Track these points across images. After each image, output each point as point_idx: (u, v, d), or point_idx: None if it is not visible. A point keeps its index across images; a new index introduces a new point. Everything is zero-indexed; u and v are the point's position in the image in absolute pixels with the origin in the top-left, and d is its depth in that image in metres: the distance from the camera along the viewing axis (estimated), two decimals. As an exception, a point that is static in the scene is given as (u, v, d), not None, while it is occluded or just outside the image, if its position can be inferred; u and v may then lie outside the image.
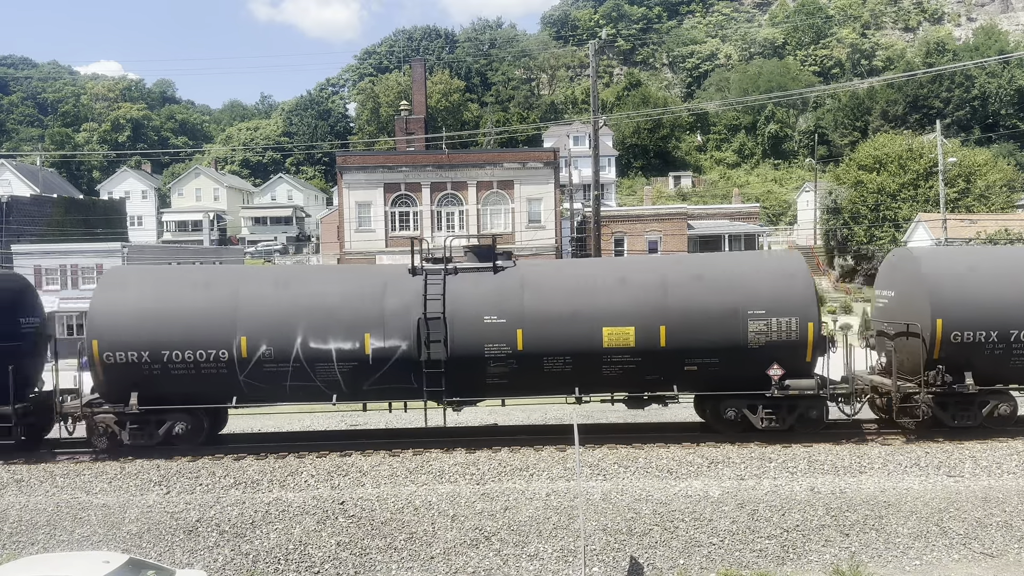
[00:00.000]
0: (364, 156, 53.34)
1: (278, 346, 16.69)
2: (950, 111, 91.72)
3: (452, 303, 16.83)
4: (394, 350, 16.71)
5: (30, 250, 50.81)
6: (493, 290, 17.14)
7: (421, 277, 17.21)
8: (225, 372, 16.77)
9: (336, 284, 17.55)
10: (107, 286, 17.52)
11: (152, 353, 16.62)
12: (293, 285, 17.48)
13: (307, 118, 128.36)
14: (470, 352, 16.72)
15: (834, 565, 13.36)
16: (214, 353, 16.66)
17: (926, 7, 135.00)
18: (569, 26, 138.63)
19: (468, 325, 16.74)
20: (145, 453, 17.10)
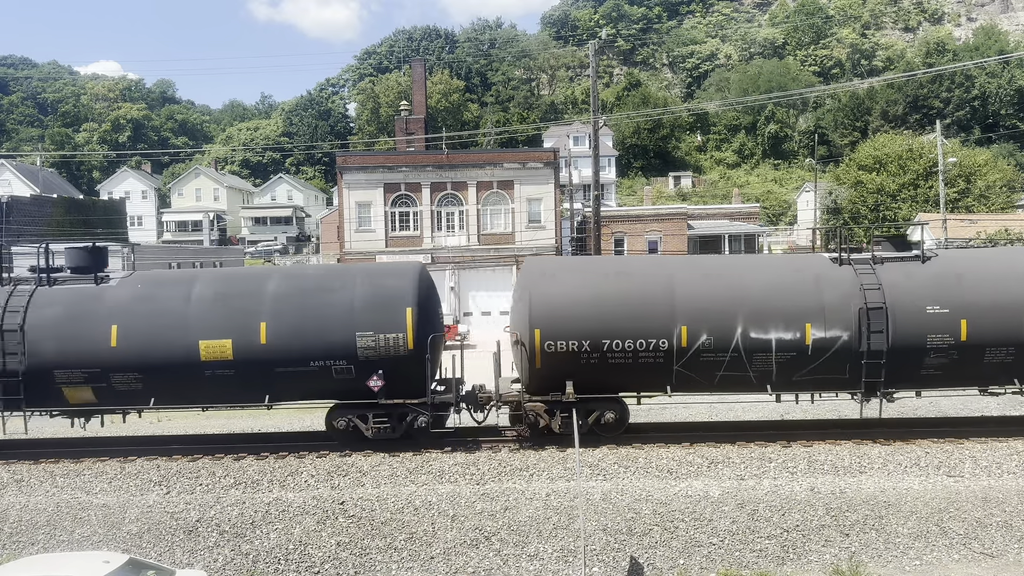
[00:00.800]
0: (364, 156, 53.35)
1: (718, 336, 16.64)
2: (950, 111, 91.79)
3: (889, 293, 16.86)
4: (834, 340, 16.67)
5: (30, 250, 50.75)
6: (929, 280, 17.06)
7: (849, 268, 17.27)
8: (662, 362, 16.71)
9: (769, 275, 17.47)
10: (538, 277, 17.34)
11: (592, 342, 16.56)
12: (725, 275, 17.42)
13: (307, 118, 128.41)
14: (910, 343, 16.68)
15: (834, 565, 13.37)
16: (653, 343, 16.60)
17: (926, 7, 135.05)
18: (569, 26, 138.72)
19: (909, 315, 16.72)
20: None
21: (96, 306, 16.78)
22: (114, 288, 17.15)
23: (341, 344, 16.43)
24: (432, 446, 17.28)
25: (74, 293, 17.08)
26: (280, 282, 17.24)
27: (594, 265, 18.89)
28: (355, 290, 16.85)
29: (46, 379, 16.58)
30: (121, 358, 16.45)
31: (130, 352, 16.44)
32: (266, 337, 16.41)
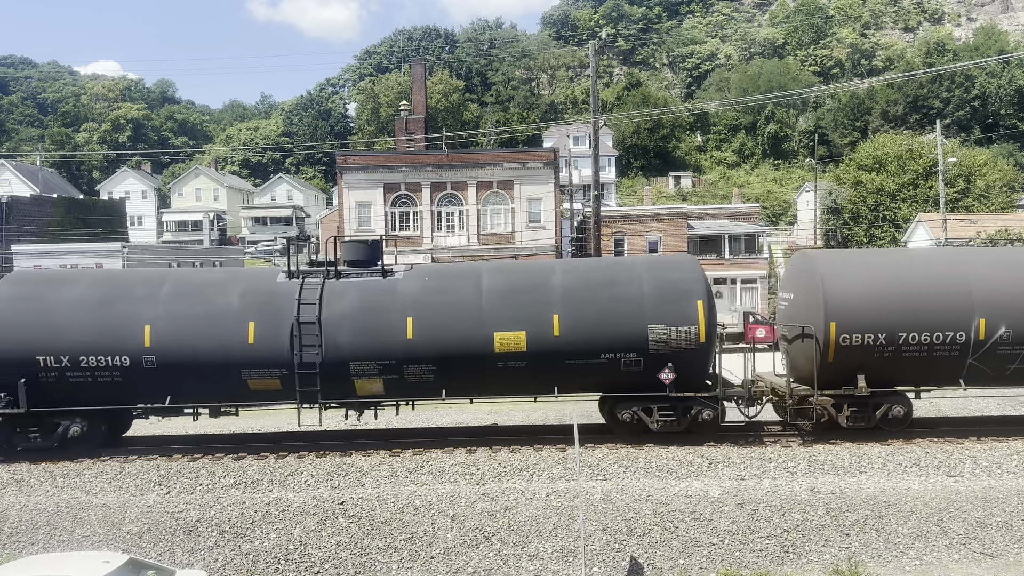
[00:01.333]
0: (364, 156, 53.33)
1: (1017, 328, 16.69)
2: (950, 111, 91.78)
3: None
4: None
5: (30, 250, 50.83)
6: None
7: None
8: (956, 354, 16.78)
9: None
10: (831, 271, 17.39)
11: (888, 335, 16.64)
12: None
13: (307, 118, 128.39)
14: None
15: (834, 565, 13.36)
16: (950, 335, 16.66)
17: (926, 7, 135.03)
18: (569, 26, 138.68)
19: None
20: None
21: (390, 299, 16.94)
22: (403, 281, 17.33)
23: (632, 337, 16.66)
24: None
25: (365, 286, 17.22)
26: (565, 276, 17.46)
27: (883, 258, 18.91)
28: (643, 284, 17.04)
29: (341, 371, 16.68)
30: (417, 350, 16.60)
31: (426, 344, 16.60)
32: (559, 329, 16.62)
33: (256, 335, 16.51)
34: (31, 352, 16.53)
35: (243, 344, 16.49)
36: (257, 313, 16.68)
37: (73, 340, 16.51)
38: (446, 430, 20.21)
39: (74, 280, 17.67)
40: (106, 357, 16.53)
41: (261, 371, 16.63)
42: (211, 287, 17.21)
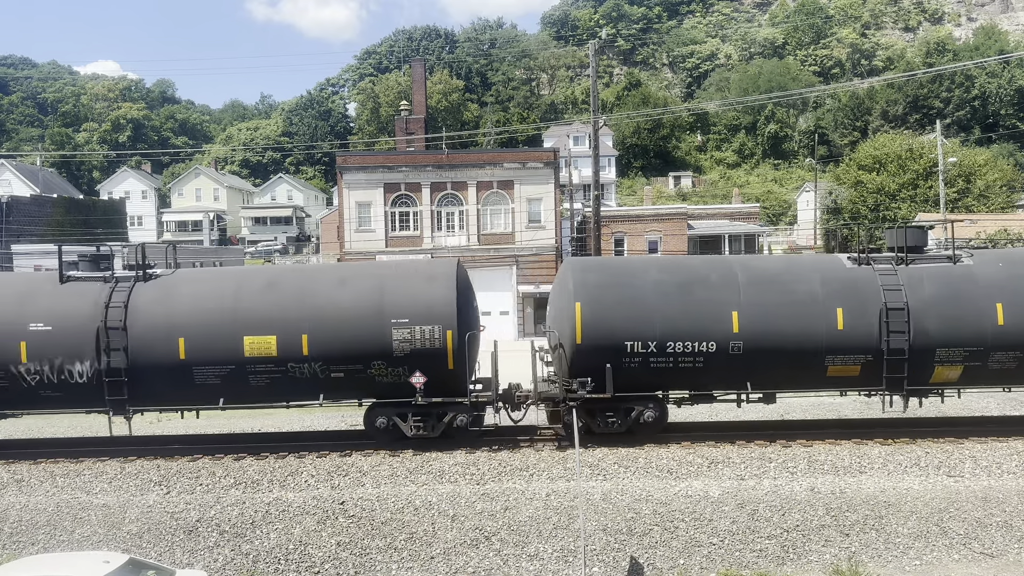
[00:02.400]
0: (364, 156, 53.31)
1: None
2: (950, 111, 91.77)
3: None
4: None
5: (30, 250, 50.80)
6: None
7: None
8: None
9: None
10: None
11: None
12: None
13: (307, 118, 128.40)
14: None
15: (834, 565, 13.36)
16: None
17: (926, 7, 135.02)
18: (569, 26, 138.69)
19: None
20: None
21: (972, 286, 16.98)
22: (978, 267, 17.38)
23: None
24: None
25: (941, 273, 17.26)
26: None
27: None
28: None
29: (926, 358, 16.81)
30: (1006, 337, 16.66)
31: (1018, 330, 16.64)
32: None
33: (844, 321, 16.69)
34: (620, 338, 16.67)
35: (830, 330, 16.66)
36: (842, 299, 16.85)
37: (661, 326, 16.68)
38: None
39: (644, 266, 18.15)
40: (692, 343, 16.66)
41: (845, 357, 16.79)
42: (786, 275, 17.40)
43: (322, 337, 16.40)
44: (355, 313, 16.54)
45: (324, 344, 16.41)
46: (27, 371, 16.53)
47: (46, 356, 16.50)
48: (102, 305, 16.65)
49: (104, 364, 16.45)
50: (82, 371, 16.54)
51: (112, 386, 16.55)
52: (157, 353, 16.47)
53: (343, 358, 16.48)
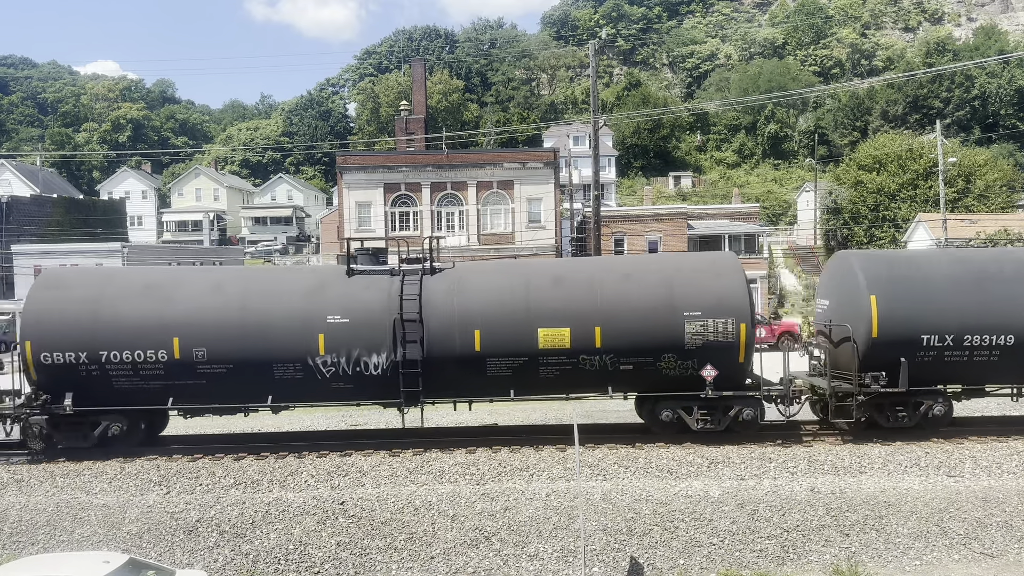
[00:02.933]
0: (364, 156, 53.31)
1: None
2: (950, 111, 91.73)
3: None
4: None
5: (30, 250, 50.85)
6: None
7: None
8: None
9: None
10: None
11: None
12: None
13: (307, 118, 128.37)
14: None
15: (834, 565, 13.36)
16: None
17: (926, 7, 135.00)
18: (569, 26, 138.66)
19: None
20: None
21: None
22: None
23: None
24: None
25: None
26: None
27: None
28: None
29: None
30: None
31: None
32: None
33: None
34: (916, 332, 16.83)
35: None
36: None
37: (957, 320, 16.86)
38: (446, 430, 20.21)
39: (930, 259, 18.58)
40: (990, 336, 16.93)
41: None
42: None
43: (614, 330, 16.67)
44: (646, 306, 16.82)
45: (616, 337, 16.69)
46: (323, 363, 16.69)
47: (343, 348, 16.65)
48: (396, 297, 16.81)
49: (400, 356, 16.60)
50: (378, 363, 16.76)
51: (407, 378, 16.70)
52: (453, 345, 16.70)
53: (633, 351, 16.76)
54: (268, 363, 16.69)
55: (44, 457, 17.21)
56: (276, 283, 17.71)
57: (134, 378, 16.78)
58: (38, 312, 16.90)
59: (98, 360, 16.61)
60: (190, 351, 16.60)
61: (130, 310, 16.86)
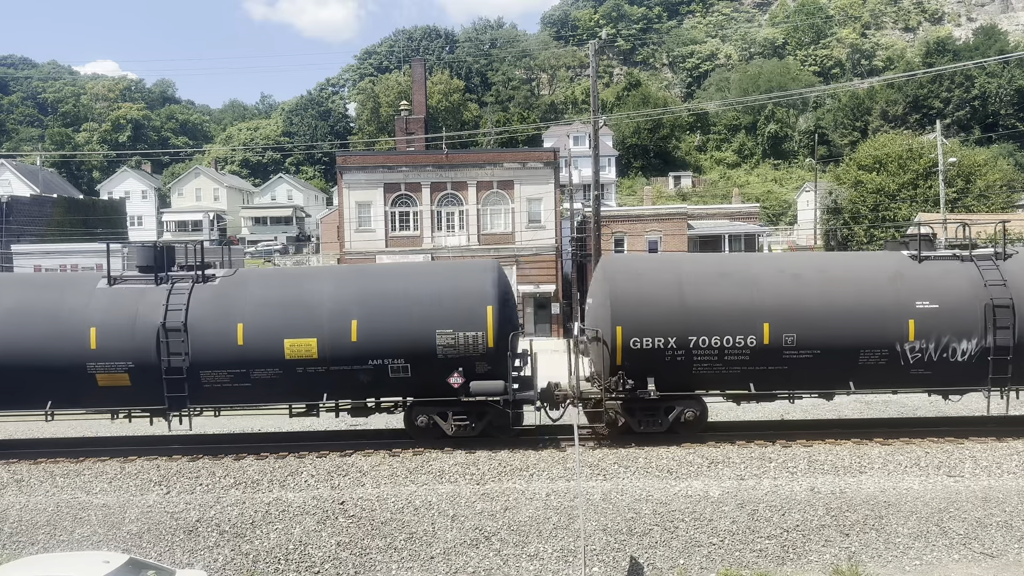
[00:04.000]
0: (364, 156, 53.29)
1: None
2: (950, 111, 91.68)
3: None
4: None
5: (30, 250, 50.80)
6: None
7: None
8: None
9: None
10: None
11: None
12: None
13: (307, 118, 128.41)
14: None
15: (834, 565, 13.37)
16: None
17: (926, 7, 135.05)
18: (569, 26, 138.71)
19: None
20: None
21: None
22: None
23: None
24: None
25: None
26: None
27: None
28: None
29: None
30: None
31: None
32: None
33: None
34: None
35: None
36: None
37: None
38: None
39: None
40: None
41: None
42: None
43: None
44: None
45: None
46: (911, 349, 16.77)
47: (932, 335, 16.74)
48: (980, 284, 16.99)
49: (991, 342, 16.78)
50: (966, 349, 16.83)
51: (997, 364, 16.83)
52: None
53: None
54: (855, 349, 16.80)
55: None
56: (851, 270, 17.83)
57: (716, 364, 16.85)
58: (626, 298, 16.96)
59: (685, 345, 16.70)
60: (779, 337, 16.67)
61: (716, 296, 16.94)
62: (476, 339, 16.54)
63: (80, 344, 16.42)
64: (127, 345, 16.49)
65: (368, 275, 18.40)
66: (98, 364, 16.47)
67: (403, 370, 16.63)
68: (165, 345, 16.39)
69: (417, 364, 16.61)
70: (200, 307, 16.75)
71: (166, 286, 17.08)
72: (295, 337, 16.47)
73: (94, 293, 17.02)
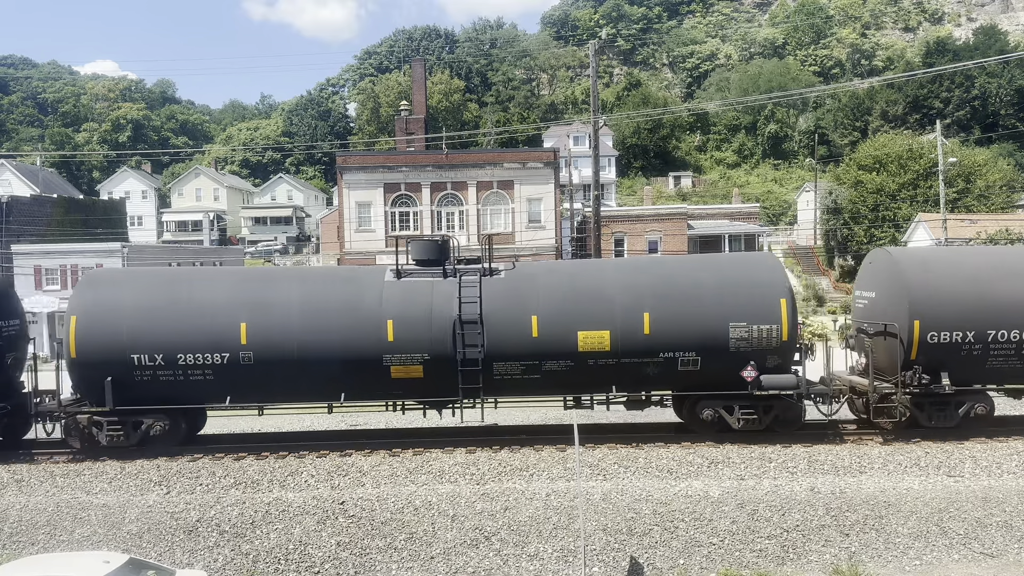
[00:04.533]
0: (364, 156, 53.33)
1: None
2: (950, 111, 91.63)
3: None
4: None
5: (30, 250, 50.79)
6: None
7: None
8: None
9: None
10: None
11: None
12: None
13: (307, 118, 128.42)
14: None
15: (834, 565, 13.36)
16: None
17: (926, 7, 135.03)
18: (569, 26, 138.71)
19: None
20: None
21: None
22: None
23: None
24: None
25: None
26: None
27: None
28: None
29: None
30: None
31: None
32: None
33: None
34: None
35: None
36: None
37: None
38: (446, 430, 20.19)
39: None
40: None
41: None
42: None
43: None
44: None
45: None
46: None
47: None
48: None
49: None
50: None
51: None
52: None
53: None
54: None
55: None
56: None
57: (1012, 358, 17.07)
58: (929, 291, 17.09)
59: (983, 339, 16.88)
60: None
61: (1014, 290, 17.09)
62: (770, 332, 16.61)
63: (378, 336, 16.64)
64: (423, 337, 16.63)
65: (660, 266, 18.67)
66: (394, 356, 16.62)
67: (693, 363, 16.75)
68: (461, 337, 16.47)
69: (708, 357, 16.71)
70: (492, 300, 16.93)
71: (454, 279, 17.22)
72: (589, 329, 16.60)
73: (384, 286, 17.20)
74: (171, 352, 16.62)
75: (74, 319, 16.73)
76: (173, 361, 16.66)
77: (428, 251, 17.98)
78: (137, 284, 17.67)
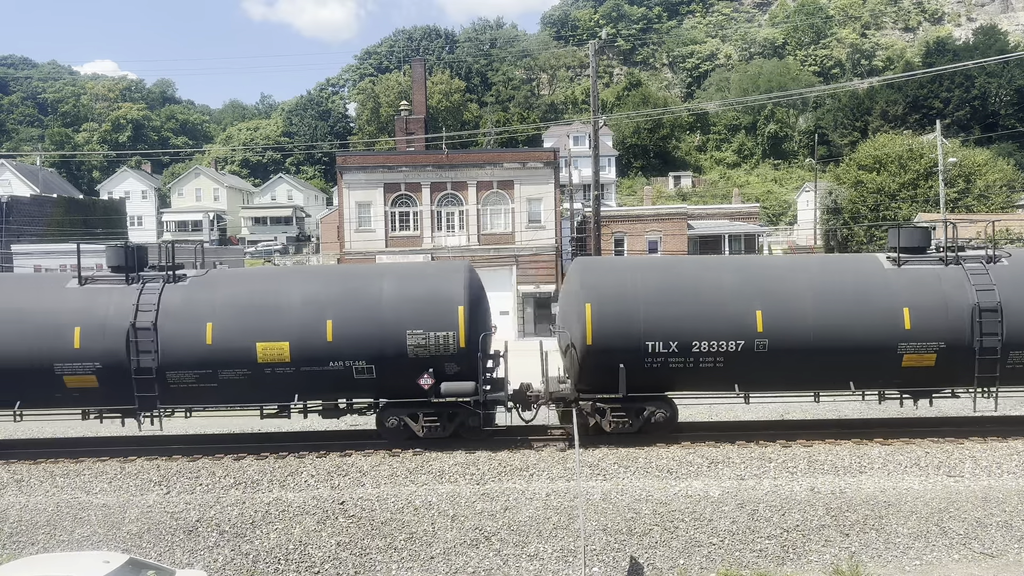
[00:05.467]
0: (364, 156, 53.29)
1: None
2: (950, 111, 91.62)
3: None
4: None
5: (30, 250, 50.77)
6: None
7: None
8: None
9: None
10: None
11: None
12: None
13: (307, 118, 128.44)
14: None
15: (834, 565, 13.37)
16: None
17: (926, 7, 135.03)
18: (569, 26, 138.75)
19: None
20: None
21: None
22: None
23: None
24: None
25: None
26: None
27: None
28: None
29: None
30: None
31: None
32: None
33: None
34: None
35: None
36: None
37: None
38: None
39: None
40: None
41: None
42: None
43: None
44: None
45: None
46: None
47: None
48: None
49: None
50: None
51: None
52: None
53: None
54: None
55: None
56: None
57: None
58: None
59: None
60: None
61: None
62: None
63: None
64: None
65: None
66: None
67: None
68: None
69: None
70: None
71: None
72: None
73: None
74: (687, 339, 16.58)
75: (589, 306, 16.69)
76: (687, 348, 16.61)
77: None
78: (645, 271, 17.73)
